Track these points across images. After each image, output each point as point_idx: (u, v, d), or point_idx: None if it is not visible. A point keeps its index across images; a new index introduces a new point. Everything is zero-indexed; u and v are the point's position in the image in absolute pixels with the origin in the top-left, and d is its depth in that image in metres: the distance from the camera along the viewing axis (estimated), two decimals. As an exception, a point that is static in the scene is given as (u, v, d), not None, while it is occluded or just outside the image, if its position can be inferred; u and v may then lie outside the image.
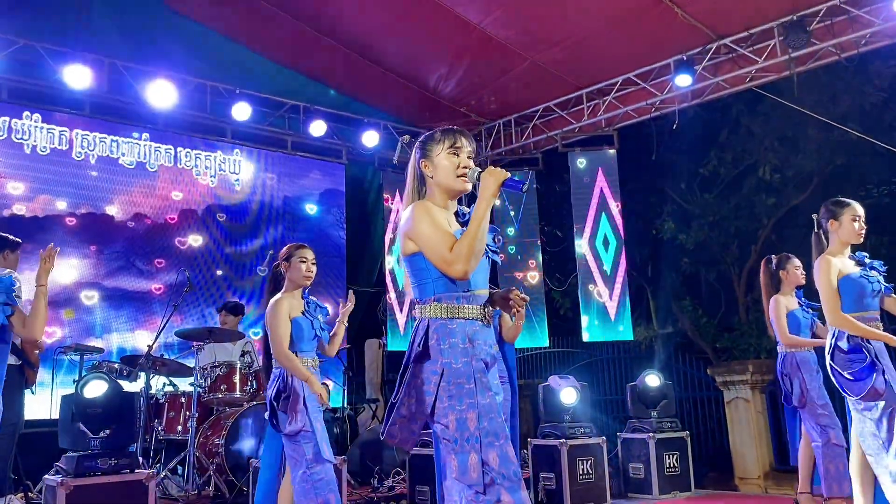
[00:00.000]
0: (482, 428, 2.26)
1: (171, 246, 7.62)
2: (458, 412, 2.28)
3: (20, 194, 6.84)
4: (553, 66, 7.79)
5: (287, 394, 3.73)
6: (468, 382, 2.31)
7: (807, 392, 4.65)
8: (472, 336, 2.37)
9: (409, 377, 2.38)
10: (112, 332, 7.11)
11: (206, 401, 5.75)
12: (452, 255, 2.33)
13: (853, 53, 6.62)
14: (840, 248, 3.82)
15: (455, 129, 2.55)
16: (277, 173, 8.50)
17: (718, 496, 6.41)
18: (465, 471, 2.24)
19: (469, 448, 2.25)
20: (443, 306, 2.39)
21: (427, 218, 2.40)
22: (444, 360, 2.33)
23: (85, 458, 4.13)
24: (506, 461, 2.24)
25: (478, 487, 2.22)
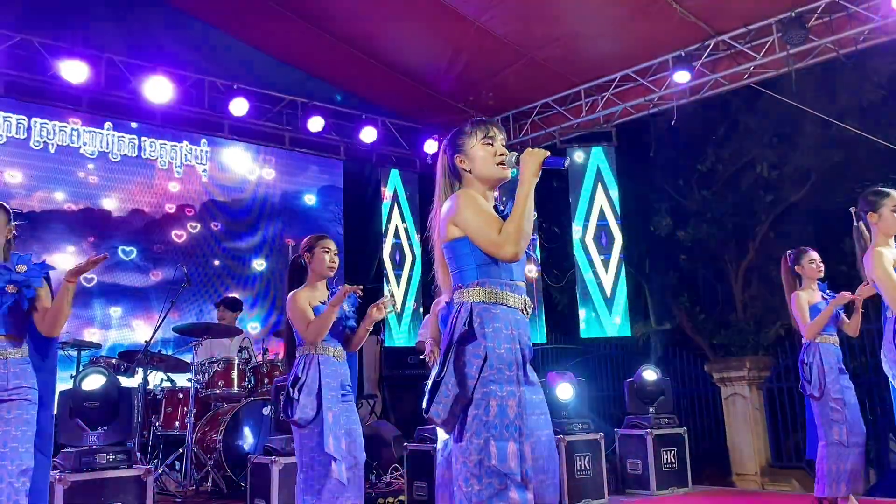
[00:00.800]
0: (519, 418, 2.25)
1: (169, 241, 7.61)
2: (499, 398, 2.25)
3: (17, 189, 6.83)
4: (551, 63, 7.78)
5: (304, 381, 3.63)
6: (510, 370, 2.28)
7: (825, 384, 4.60)
8: (514, 325, 2.35)
9: (453, 358, 2.32)
10: (109, 328, 7.10)
11: (204, 396, 5.75)
12: (502, 238, 2.31)
13: (851, 50, 6.63)
14: (884, 240, 3.68)
15: (485, 119, 2.54)
16: (275, 169, 8.49)
17: (716, 492, 6.43)
18: (504, 458, 2.20)
19: (508, 435, 2.22)
20: (487, 291, 2.36)
21: (473, 203, 2.39)
22: (488, 344, 2.29)
23: (83, 454, 4.13)
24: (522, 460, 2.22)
25: (515, 476, 2.19)
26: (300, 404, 3.59)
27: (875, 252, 3.62)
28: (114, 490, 4.09)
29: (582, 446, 5.90)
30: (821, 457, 4.60)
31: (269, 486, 4.48)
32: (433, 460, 4.96)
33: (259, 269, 8.14)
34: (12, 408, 2.88)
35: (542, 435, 2.34)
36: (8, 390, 2.90)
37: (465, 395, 2.28)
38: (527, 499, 2.21)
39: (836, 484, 4.53)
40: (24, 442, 2.86)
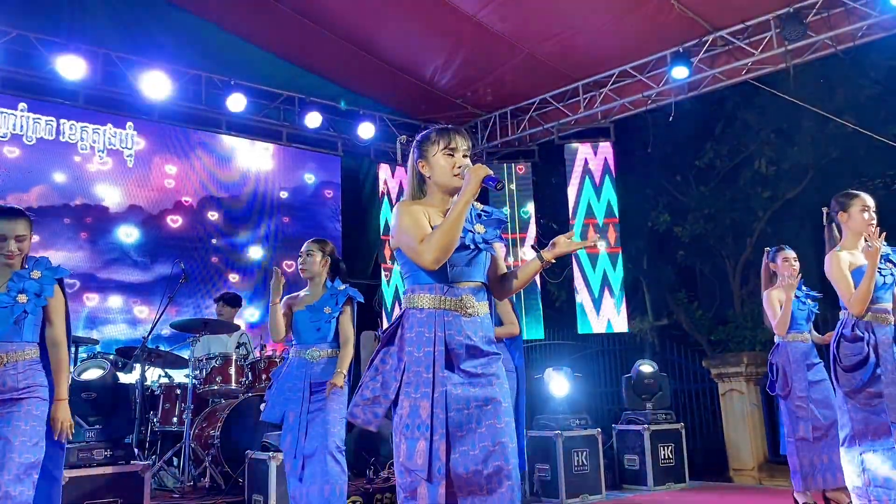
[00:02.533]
0: (433, 417, 2.33)
1: (166, 237, 7.60)
2: (412, 399, 2.36)
3: (15, 185, 6.81)
4: (549, 58, 7.78)
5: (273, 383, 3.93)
6: (426, 372, 2.37)
7: (791, 382, 4.69)
8: (443, 325, 2.41)
9: (378, 361, 2.49)
10: (107, 324, 7.09)
11: (202, 392, 5.75)
12: (422, 246, 2.38)
13: (849, 46, 6.63)
14: (853, 240, 3.77)
15: (450, 128, 2.58)
16: (273, 165, 8.48)
17: (713, 488, 6.44)
18: (411, 455, 2.33)
19: (419, 435, 2.33)
20: (417, 296, 2.47)
21: (406, 213, 2.47)
22: (408, 349, 2.41)
23: (81, 450, 4.13)
24: (435, 457, 2.31)
25: (422, 474, 2.30)
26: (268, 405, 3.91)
27: (833, 255, 3.76)
28: (112, 486, 4.10)
29: (579, 442, 5.91)
30: (790, 452, 4.70)
31: (266, 482, 4.49)
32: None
33: (257, 266, 8.14)
34: (23, 404, 2.96)
35: (481, 430, 2.37)
36: (19, 390, 2.98)
37: (386, 397, 2.43)
38: (436, 493, 2.30)
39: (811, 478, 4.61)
40: (32, 436, 2.94)
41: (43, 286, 3.09)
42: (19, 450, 2.87)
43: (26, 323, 3.03)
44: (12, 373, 2.97)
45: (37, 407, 2.98)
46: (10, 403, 2.94)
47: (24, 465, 2.87)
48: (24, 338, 3.03)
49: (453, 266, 2.46)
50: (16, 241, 3.06)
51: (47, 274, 3.13)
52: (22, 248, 3.09)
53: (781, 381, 4.73)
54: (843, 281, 3.64)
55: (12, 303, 3.01)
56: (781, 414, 4.85)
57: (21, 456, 2.87)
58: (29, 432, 2.92)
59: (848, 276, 3.64)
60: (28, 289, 3.06)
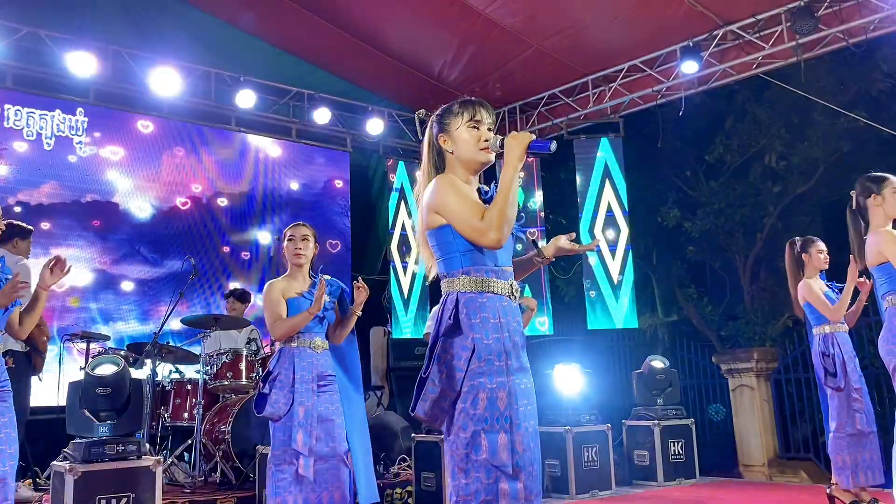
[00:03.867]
0: (512, 409, 2.19)
1: (177, 233, 7.62)
2: (488, 390, 2.19)
3: (26, 182, 6.85)
4: (558, 53, 7.75)
5: (276, 375, 3.66)
6: (499, 360, 2.22)
7: (847, 373, 4.50)
8: (501, 312, 2.28)
9: (439, 352, 2.27)
10: (118, 320, 7.13)
11: (212, 388, 5.77)
12: (484, 224, 2.23)
13: (861, 39, 6.57)
14: (886, 223, 3.62)
15: (474, 100, 2.46)
16: (282, 161, 8.50)
17: (723, 483, 6.43)
18: (494, 451, 2.15)
19: (499, 428, 2.16)
20: (472, 279, 2.29)
21: (453, 189, 2.31)
22: (476, 336, 2.23)
23: (93, 445, 4.15)
24: (513, 451, 2.17)
25: (506, 469, 2.15)
26: (271, 399, 3.61)
27: (885, 232, 3.57)
28: (123, 481, 4.12)
29: (589, 437, 5.91)
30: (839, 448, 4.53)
31: (277, 477, 4.49)
32: (441, 451, 4.98)
33: (266, 262, 8.16)
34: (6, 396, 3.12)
35: (528, 426, 2.26)
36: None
37: (452, 389, 2.22)
38: (517, 489, 2.16)
39: (872, 472, 4.49)
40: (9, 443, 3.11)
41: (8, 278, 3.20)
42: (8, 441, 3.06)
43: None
44: None
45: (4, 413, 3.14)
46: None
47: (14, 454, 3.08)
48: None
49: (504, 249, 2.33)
50: None
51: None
52: None
53: (841, 373, 4.49)
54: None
55: None
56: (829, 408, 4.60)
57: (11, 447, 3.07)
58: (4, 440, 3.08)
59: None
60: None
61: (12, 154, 6.82)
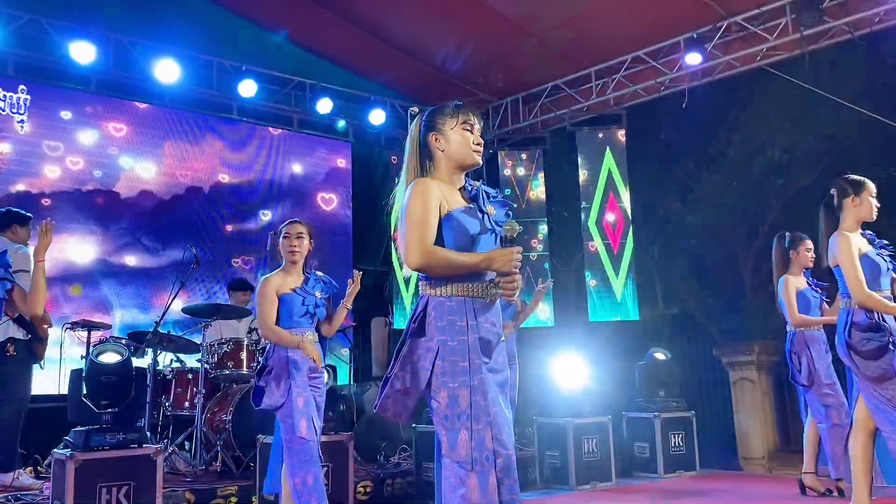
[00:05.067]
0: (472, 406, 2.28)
1: (178, 222, 7.62)
2: (450, 389, 2.30)
3: (26, 171, 6.84)
4: (562, 44, 7.73)
5: (270, 367, 3.77)
6: (462, 360, 2.31)
7: (815, 371, 4.66)
8: (474, 313, 2.36)
9: (406, 352, 2.38)
10: (119, 309, 7.14)
11: (213, 377, 5.77)
12: (417, 248, 2.31)
13: (866, 32, 6.54)
14: (854, 226, 3.72)
15: (466, 105, 2.53)
16: (283, 151, 8.48)
17: (722, 476, 6.44)
18: (454, 447, 2.27)
19: (459, 425, 2.27)
20: (438, 283, 2.39)
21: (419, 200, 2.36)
22: (440, 338, 2.33)
23: (94, 433, 4.15)
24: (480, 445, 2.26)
25: (466, 465, 2.24)
26: (267, 391, 3.74)
27: (843, 237, 3.64)
28: (124, 469, 4.12)
29: (590, 429, 5.91)
30: (825, 441, 4.67)
31: (277, 466, 4.50)
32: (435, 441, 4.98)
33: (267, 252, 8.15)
34: None
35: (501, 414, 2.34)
36: None
37: (417, 388, 2.35)
38: (487, 482, 2.24)
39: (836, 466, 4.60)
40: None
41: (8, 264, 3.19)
42: None
43: None
44: None
45: None
46: None
47: None
48: None
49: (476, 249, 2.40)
50: None
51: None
52: None
53: (806, 370, 4.67)
54: (853, 266, 3.57)
55: None
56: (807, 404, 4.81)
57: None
58: None
59: (857, 261, 3.57)
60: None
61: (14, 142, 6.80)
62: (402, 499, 5.29)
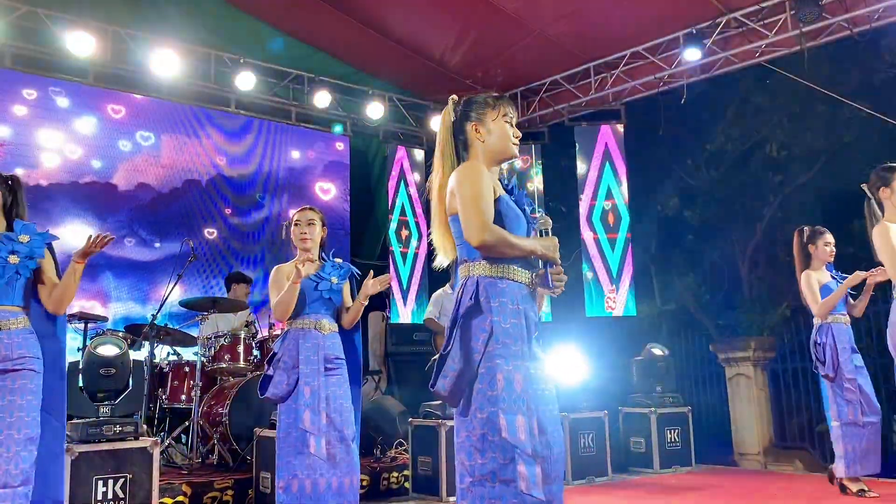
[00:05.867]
0: (528, 393, 2.23)
1: (175, 215, 7.61)
2: (505, 372, 2.23)
3: (24, 162, 6.82)
4: (560, 39, 7.71)
5: (279, 356, 3.66)
6: (515, 344, 2.26)
7: (838, 364, 4.61)
8: (520, 300, 2.34)
9: (459, 332, 2.32)
10: (116, 301, 7.13)
11: (210, 370, 5.78)
12: (482, 230, 2.28)
13: (865, 28, 6.54)
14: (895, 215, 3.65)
15: (504, 97, 2.55)
16: (281, 144, 8.47)
17: (718, 471, 6.45)
18: (514, 431, 2.18)
19: (517, 409, 2.20)
20: (493, 265, 2.35)
21: (472, 181, 2.34)
22: (494, 318, 2.28)
23: (90, 425, 4.15)
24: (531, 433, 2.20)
25: (526, 448, 2.17)
26: (273, 381, 3.61)
27: (882, 226, 3.59)
28: (120, 461, 4.12)
29: (586, 424, 5.93)
30: (836, 437, 4.60)
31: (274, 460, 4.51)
32: (438, 435, 4.99)
33: (265, 245, 8.15)
34: (17, 378, 2.91)
35: (548, 410, 2.31)
36: (13, 360, 2.93)
37: (470, 370, 2.27)
38: (535, 472, 2.17)
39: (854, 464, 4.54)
40: (29, 411, 2.90)
41: (33, 249, 3.04)
42: (17, 425, 2.85)
43: (17, 285, 2.99)
44: (7, 341, 2.93)
45: (32, 380, 2.94)
46: (4, 375, 2.91)
47: (23, 440, 2.86)
48: (15, 301, 2.98)
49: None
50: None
51: (37, 238, 3.08)
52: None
53: (830, 362, 4.62)
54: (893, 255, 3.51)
55: (3, 263, 2.95)
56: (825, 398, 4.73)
57: (20, 432, 2.85)
58: (25, 406, 2.89)
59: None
60: (18, 250, 3.00)
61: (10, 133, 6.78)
62: (398, 493, 5.30)
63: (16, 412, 2.87)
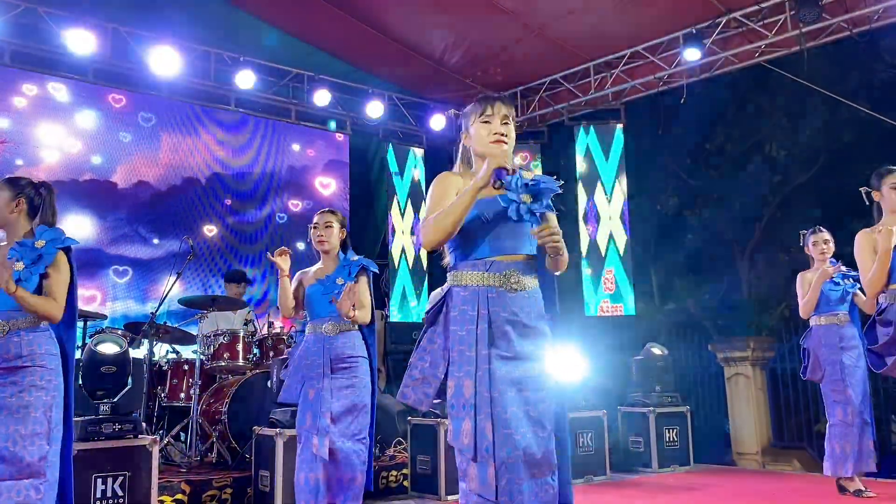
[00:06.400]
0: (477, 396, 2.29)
1: (175, 213, 7.61)
2: (456, 378, 2.33)
3: (23, 159, 6.82)
4: (560, 38, 7.71)
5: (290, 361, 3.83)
6: (469, 350, 2.33)
7: (823, 367, 4.63)
8: (487, 303, 2.35)
9: (425, 341, 2.46)
10: (115, 300, 7.13)
11: (209, 368, 5.77)
12: (423, 226, 2.40)
13: (865, 29, 6.54)
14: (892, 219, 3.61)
15: (489, 96, 2.54)
16: (281, 143, 8.47)
17: (716, 471, 6.46)
18: (457, 435, 2.31)
19: (464, 414, 2.30)
20: (457, 273, 2.43)
21: (436, 185, 2.49)
22: (452, 328, 2.38)
23: (89, 423, 4.15)
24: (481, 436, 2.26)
25: (468, 454, 2.27)
26: (285, 385, 3.76)
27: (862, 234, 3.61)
28: (119, 459, 4.12)
29: (585, 423, 5.93)
30: (827, 436, 4.64)
31: (273, 458, 4.52)
32: (437, 434, 4.99)
33: (264, 243, 8.15)
34: (25, 374, 2.94)
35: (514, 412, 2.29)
36: (22, 357, 2.94)
37: (435, 377, 2.40)
38: (486, 473, 2.24)
39: (843, 463, 4.56)
40: (38, 406, 2.92)
41: (43, 255, 3.04)
42: (24, 420, 2.88)
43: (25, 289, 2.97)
44: (15, 339, 2.95)
45: (41, 377, 2.95)
46: (15, 372, 2.93)
47: (29, 435, 2.88)
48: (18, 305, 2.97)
49: (497, 239, 2.40)
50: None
51: (50, 243, 3.08)
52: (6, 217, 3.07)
53: (813, 365, 4.68)
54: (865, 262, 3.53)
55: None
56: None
57: (27, 427, 2.88)
58: (33, 402, 2.91)
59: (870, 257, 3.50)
60: (26, 256, 3.01)
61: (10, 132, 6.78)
62: (397, 491, 5.30)
63: (23, 408, 2.89)
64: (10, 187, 3.14)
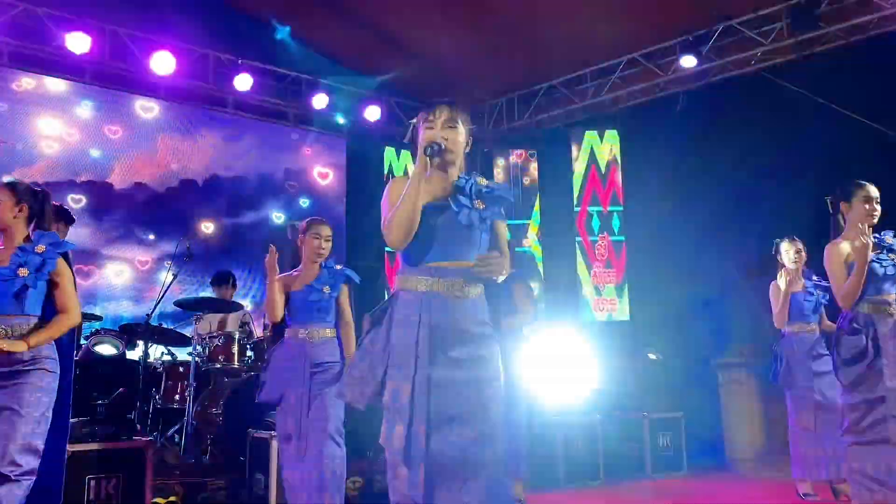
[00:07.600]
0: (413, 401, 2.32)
1: (171, 215, 7.60)
2: (395, 382, 2.36)
3: (20, 160, 6.81)
4: (557, 45, 7.73)
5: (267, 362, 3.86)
6: (409, 354, 2.36)
7: (790, 373, 4.72)
8: (430, 308, 2.38)
9: (367, 341, 2.48)
10: (111, 301, 7.12)
11: (204, 370, 5.77)
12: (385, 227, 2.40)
13: (861, 38, 6.58)
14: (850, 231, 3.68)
15: (433, 101, 2.56)
16: (279, 145, 8.47)
17: (710, 477, 6.47)
18: (388, 438, 2.34)
19: (399, 419, 2.32)
20: (406, 278, 2.46)
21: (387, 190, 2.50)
22: (395, 331, 2.40)
23: (84, 425, 4.15)
24: (415, 440, 2.30)
25: (398, 457, 2.30)
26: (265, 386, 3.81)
27: (832, 246, 3.66)
28: (114, 461, 4.12)
29: (579, 428, 5.93)
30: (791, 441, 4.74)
31: (268, 461, 4.52)
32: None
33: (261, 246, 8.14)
34: (28, 376, 2.96)
35: (451, 416, 2.33)
36: (24, 362, 2.97)
37: (374, 378, 2.41)
38: (416, 477, 2.27)
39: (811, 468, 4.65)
40: (38, 407, 2.95)
41: (45, 260, 3.06)
42: (25, 421, 2.90)
43: (27, 297, 3.02)
44: None
45: (41, 378, 2.98)
46: (15, 375, 2.95)
47: (30, 435, 2.90)
48: (25, 311, 3.01)
49: (445, 245, 2.41)
50: None
51: (51, 248, 3.10)
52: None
53: (784, 370, 4.76)
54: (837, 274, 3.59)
55: (12, 276, 2.99)
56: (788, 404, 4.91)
57: (27, 427, 2.89)
58: (34, 404, 2.94)
59: (842, 269, 3.58)
60: (30, 262, 3.03)
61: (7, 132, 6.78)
62: (391, 495, 5.30)
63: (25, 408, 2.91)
64: (11, 192, 3.16)
